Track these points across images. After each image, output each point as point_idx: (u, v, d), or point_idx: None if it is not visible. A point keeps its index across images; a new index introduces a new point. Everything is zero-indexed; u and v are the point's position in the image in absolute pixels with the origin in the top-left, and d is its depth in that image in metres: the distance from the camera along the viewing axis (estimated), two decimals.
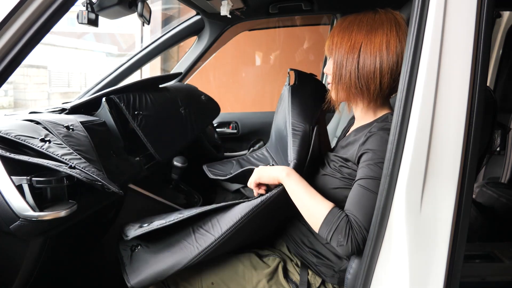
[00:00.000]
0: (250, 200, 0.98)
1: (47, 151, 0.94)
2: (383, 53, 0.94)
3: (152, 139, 1.39)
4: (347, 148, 1.02)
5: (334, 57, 0.99)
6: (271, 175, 0.99)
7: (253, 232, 1.08)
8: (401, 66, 0.93)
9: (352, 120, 1.20)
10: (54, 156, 0.94)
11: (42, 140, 0.96)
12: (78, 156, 0.98)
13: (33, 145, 0.94)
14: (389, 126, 0.92)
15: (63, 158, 0.94)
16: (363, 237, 0.85)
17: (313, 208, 0.92)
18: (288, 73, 1.31)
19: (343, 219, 0.87)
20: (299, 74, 1.30)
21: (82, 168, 0.94)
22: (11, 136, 0.93)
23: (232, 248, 1.09)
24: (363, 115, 1.06)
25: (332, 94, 1.04)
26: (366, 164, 0.91)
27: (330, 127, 2.28)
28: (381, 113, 1.02)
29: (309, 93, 1.28)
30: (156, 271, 1.00)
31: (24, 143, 0.93)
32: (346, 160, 0.99)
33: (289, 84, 1.28)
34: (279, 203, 0.99)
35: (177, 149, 1.56)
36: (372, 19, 0.97)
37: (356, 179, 0.93)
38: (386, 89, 0.98)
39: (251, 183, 1.04)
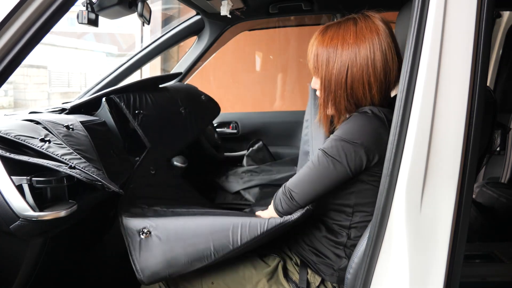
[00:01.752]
0: (273, 219, 1.00)
1: (47, 151, 0.94)
2: (370, 70, 0.93)
3: (152, 138, 1.39)
4: None
5: (321, 78, 0.99)
6: None
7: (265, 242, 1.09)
8: (389, 74, 0.95)
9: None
10: (54, 156, 0.94)
11: (42, 140, 0.96)
12: (78, 156, 0.98)
13: (33, 145, 0.93)
14: (365, 109, 0.95)
15: (63, 158, 0.94)
16: (286, 197, 0.99)
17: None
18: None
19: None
20: None
21: (82, 168, 0.94)
22: (11, 136, 0.93)
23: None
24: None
25: (321, 109, 1.04)
26: (330, 138, 0.96)
27: None
28: None
29: None
30: (170, 269, 0.99)
31: (24, 143, 0.93)
32: None
33: None
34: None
35: (177, 149, 1.56)
36: (354, 33, 0.95)
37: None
38: (376, 99, 0.98)
39: None
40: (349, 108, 0.99)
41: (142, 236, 1.04)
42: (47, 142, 0.96)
